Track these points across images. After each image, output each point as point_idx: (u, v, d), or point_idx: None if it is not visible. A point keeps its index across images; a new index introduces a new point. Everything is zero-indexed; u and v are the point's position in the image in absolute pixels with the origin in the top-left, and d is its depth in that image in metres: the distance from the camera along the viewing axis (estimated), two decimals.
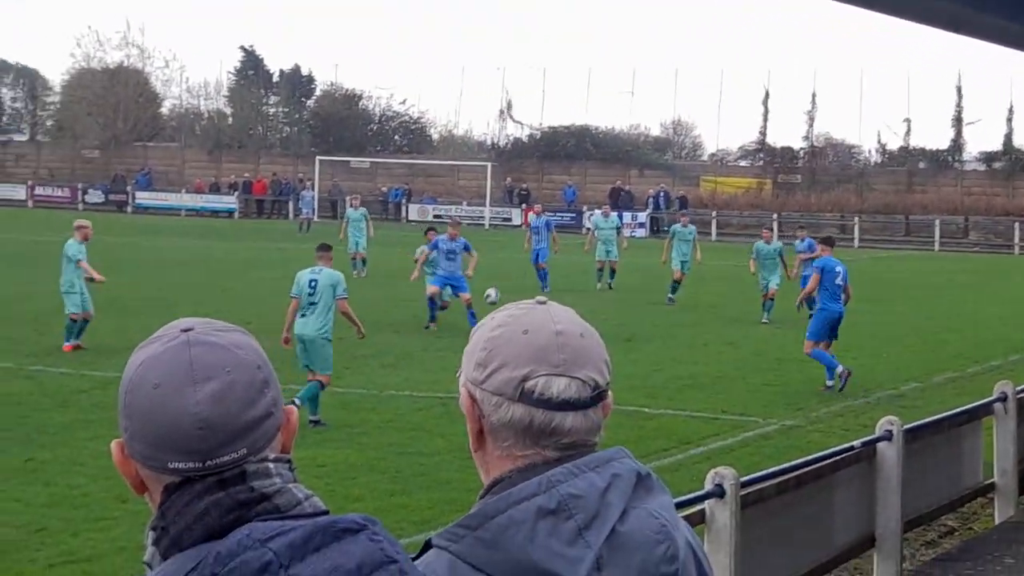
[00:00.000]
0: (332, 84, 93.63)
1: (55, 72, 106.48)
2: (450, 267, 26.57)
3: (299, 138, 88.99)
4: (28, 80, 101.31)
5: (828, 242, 22.73)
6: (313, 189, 72.84)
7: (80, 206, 78.32)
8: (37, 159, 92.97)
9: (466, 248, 27.04)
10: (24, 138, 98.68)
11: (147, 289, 31.86)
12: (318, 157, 79.89)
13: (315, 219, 66.57)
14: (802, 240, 32.33)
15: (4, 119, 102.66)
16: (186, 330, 2.24)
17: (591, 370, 2.44)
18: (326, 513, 2.20)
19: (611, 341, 2.65)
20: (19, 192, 79.64)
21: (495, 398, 2.44)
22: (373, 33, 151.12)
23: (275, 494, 2.17)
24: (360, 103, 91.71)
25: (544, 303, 2.54)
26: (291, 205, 75.66)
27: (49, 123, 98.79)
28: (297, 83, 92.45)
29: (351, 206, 44.26)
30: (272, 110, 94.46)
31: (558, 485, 2.35)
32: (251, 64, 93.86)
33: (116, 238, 46.92)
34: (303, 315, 17.43)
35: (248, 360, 2.23)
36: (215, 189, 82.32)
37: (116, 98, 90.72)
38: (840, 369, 20.92)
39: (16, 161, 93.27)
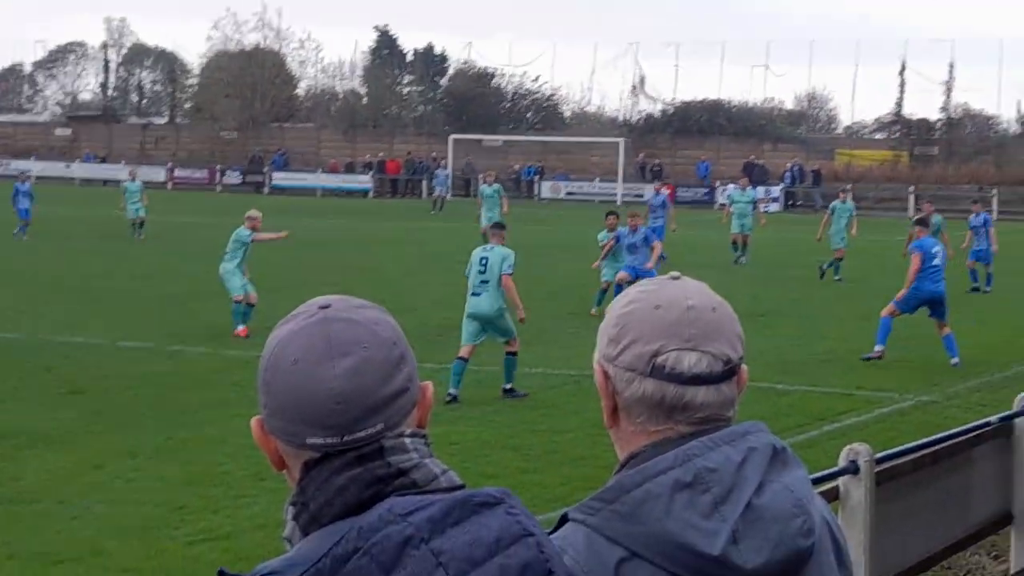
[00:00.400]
0: (465, 62, 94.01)
1: (193, 55, 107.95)
2: (634, 260, 26.21)
3: (433, 117, 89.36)
4: (167, 63, 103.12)
5: (923, 223, 22.82)
6: (447, 168, 73.15)
7: (218, 187, 79.43)
8: (176, 141, 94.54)
9: (646, 240, 26.51)
10: (164, 120, 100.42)
11: (284, 269, 32.15)
12: (451, 136, 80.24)
13: (448, 197, 66.89)
14: (977, 215, 31.95)
15: (144, 102, 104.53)
16: (324, 307, 2.27)
17: (723, 344, 2.44)
18: (462, 487, 2.22)
19: (745, 316, 2.64)
20: (159, 174, 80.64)
21: (627, 374, 2.44)
22: (505, 11, 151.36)
23: (412, 469, 2.19)
24: (493, 81, 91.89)
25: (678, 278, 2.54)
26: (425, 184, 76.04)
27: (188, 105, 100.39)
28: (431, 62, 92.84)
29: (485, 182, 44.36)
30: (406, 89, 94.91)
31: (694, 459, 2.35)
32: (385, 44, 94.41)
33: None
34: (476, 294, 17.70)
35: (385, 336, 2.25)
36: (350, 169, 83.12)
37: (253, 79, 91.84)
38: (877, 348, 20.69)
39: (156, 143, 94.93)
